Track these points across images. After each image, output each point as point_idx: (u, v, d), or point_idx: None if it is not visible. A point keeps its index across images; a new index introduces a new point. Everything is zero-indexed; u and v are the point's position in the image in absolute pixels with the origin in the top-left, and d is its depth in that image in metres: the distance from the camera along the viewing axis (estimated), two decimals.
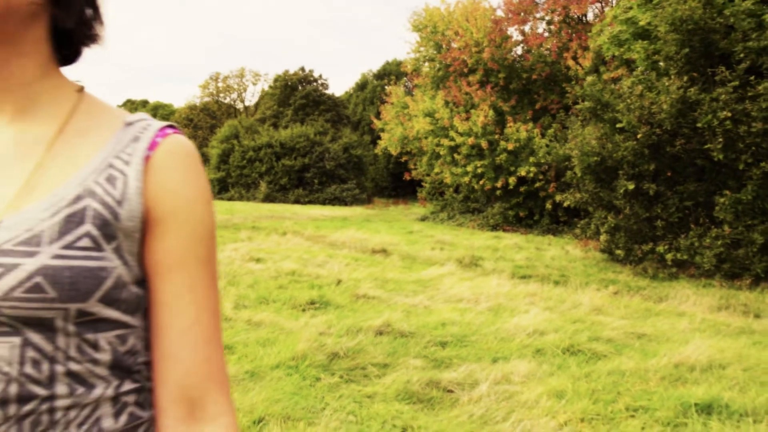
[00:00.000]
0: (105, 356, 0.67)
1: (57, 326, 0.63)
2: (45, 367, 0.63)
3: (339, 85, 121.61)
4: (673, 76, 9.65)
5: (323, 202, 34.74)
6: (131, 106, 68.57)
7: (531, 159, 19.12)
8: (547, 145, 18.64)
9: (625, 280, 9.53)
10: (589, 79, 11.28)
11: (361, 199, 35.98)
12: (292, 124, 38.86)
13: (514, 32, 23.40)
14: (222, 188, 37.81)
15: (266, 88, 47.21)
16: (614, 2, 21.32)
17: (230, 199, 36.24)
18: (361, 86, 49.30)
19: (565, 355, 4.54)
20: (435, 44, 25.77)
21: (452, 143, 21.50)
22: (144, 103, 69.17)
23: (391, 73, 47.24)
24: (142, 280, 0.70)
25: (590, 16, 23.43)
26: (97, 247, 0.65)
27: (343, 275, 8.03)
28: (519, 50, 23.46)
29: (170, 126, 0.74)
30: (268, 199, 35.19)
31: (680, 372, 4.09)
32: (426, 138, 23.80)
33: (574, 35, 21.76)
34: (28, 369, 0.62)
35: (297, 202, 34.53)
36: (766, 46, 8.39)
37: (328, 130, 38.69)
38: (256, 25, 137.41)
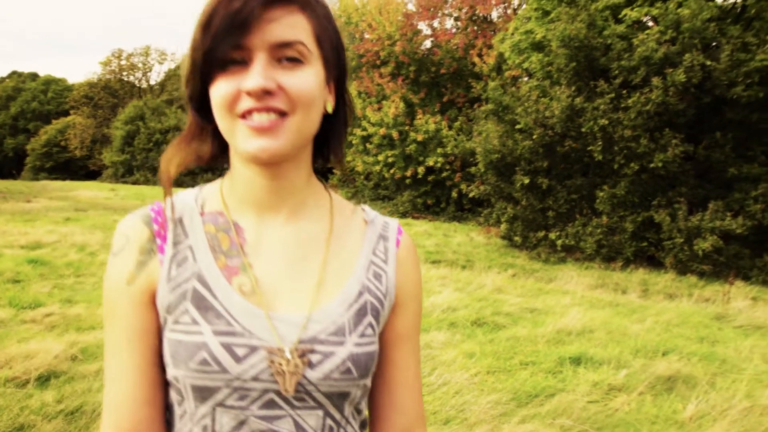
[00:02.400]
0: (362, 417, 0.84)
1: (350, 399, 0.79)
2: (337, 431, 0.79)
3: None
4: (563, 86, 11.06)
5: None
6: (18, 78, 63.38)
7: (439, 150, 20.39)
8: (455, 138, 19.93)
9: (521, 264, 10.90)
10: (492, 84, 12.53)
11: None
12: None
13: (424, 27, 24.51)
14: (126, 171, 36.48)
15: (173, 67, 45.67)
16: (516, 4, 22.98)
17: (135, 182, 35.06)
18: None
19: (473, 327, 5.58)
20: (349, 35, 26.36)
21: (365, 133, 22.33)
22: (33, 77, 64.16)
23: None
24: None
25: (494, 16, 24.87)
26: (374, 333, 0.80)
27: None
28: (429, 44, 24.50)
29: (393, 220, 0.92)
30: (176, 183, 33.94)
31: (560, 336, 5.24)
32: None
33: (479, 33, 23.12)
34: None
35: None
36: (635, 66, 9.93)
37: None
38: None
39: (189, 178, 34.70)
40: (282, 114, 0.72)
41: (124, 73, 46.22)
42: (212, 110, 0.75)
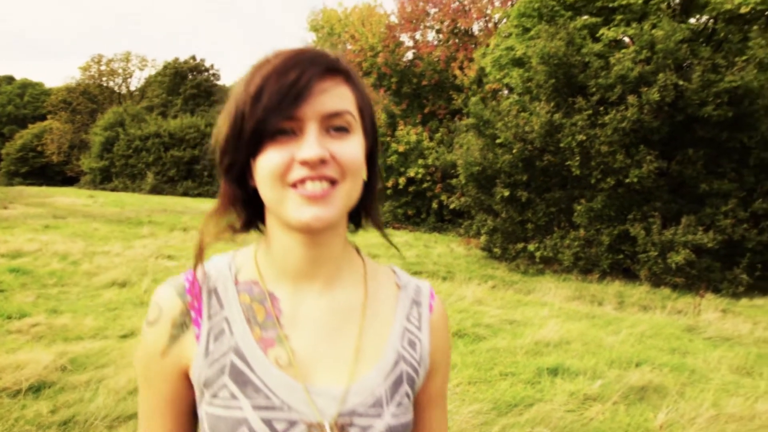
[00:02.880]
0: None
1: None
2: None
3: (230, 75, 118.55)
4: (542, 101, 11.35)
5: (213, 195, 34.19)
6: None
7: (420, 161, 20.62)
8: (436, 150, 20.18)
9: (501, 276, 11.11)
10: (473, 99, 12.78)
11: None
12: (182, 114, 37.91)
13: (406, 39, 24.81)
14: (104, 178, 36.12)
15: (153, 73, 45.41)
16: (498, 18, 23.36)
17: (114, 189, 34.71)
18: None
19: (454, 338, 5.72)
20: (331, 45, 26.51)
21: None
22: (9, 80, 63.19)
23: None
24: None
25: (476, 30, 25.23)
26: (409, 402, 0.82)
27: None
28: (410, 56, 24.78)
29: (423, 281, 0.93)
30: (155, 190, 34.14)
31: (538, 347, 5.42)
32: None
33: (461, 46, 23.47)
34: None
35: (185, 194, 33.82)
36: (611, 84, 10.25)
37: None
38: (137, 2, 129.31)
39: (169, 185, 34.46)
40: (332, 182, 0.73)
41: (104, 79, 45.83)
42: (254, 179, 0.76)
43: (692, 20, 11.96)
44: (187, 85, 41.38)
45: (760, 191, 10.75)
